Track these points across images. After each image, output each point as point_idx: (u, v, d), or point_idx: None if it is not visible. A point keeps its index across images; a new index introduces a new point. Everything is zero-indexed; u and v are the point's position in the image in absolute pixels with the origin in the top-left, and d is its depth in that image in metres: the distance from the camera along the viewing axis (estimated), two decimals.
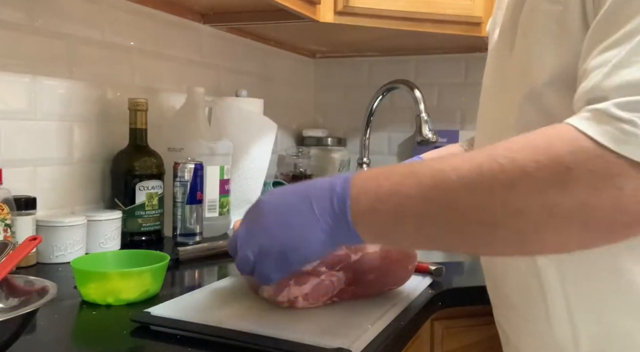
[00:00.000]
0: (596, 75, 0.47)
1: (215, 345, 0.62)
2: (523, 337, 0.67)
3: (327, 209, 0.54)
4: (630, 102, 0.43)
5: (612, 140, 0.43)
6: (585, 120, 0.45)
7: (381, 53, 1.97)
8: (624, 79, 0.44)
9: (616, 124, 0.43)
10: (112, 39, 1.20)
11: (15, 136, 1.01)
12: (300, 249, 0.57)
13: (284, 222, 0.57)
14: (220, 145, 1.26)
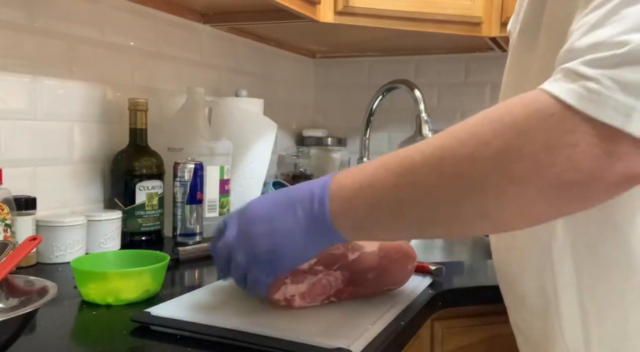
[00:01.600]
0: (574, 36, 0.47)
1: (215, 345, 0.62)
2: (538, 337, 0.66)
3: (307, 211, 0.56)
4: (597, 58, 0.43)
5: (574, 98, 0.43)
6: (554, 81, 0.45)
7: (381, 53, 1.97)
8: (596, 38, 0.44)
9: (581, 82, 0.43)
10: (112, 39, 1.20)
11: (15, 136, 1.01)
12: (286, 254, 0.59)
13: (269, 229, 0.59)
14: (220, 145, 1.26)
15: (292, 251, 0.59)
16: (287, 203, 0.58)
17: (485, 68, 1.84)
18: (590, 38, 0.45)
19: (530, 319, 0.67)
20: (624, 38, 0.42)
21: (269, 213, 0.59)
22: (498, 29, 1.48)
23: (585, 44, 0.45)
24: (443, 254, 1.55)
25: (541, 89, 0.45)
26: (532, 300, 0.65)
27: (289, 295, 0.69)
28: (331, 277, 0.71)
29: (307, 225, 0.56)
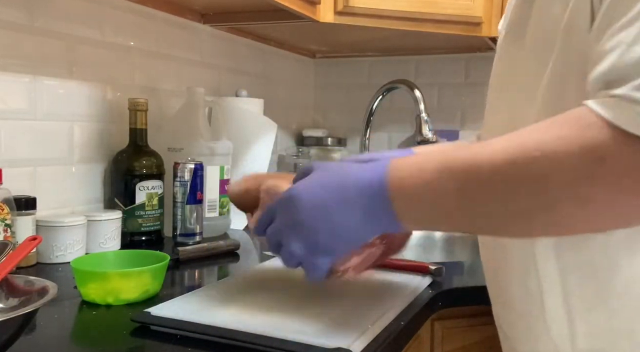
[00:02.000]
0: (611, 57, 0.47)
1: (215, 345, 0.62)
2: (520, 334, 0.66)
3: (366, 206, 0.56)
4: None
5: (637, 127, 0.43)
6: (610, 107, 0.45)
7: (381, 53, 1.97)
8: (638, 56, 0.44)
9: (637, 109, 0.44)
10: (112, 39, 1.20)
11: (15, 136, 1.01)
12: (343, 244, 0.60)
13: (325, 219, 0.58)
14: (220, 145, 1.26)
15: (349, 240, 0.59)
16: (341, 192, 0.58)
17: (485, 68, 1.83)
18: (632, 56, 0.45)
19: (512, 315, 0.67)
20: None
21: (323, 202, 0.58)
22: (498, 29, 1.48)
23: (630, 63, 0.45)
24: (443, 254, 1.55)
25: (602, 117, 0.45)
26: (517, 296, 0.65)
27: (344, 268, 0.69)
28: (377, 249, 0.71)
29: (367, 216, 0.57)
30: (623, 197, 0.45)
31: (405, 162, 0.56)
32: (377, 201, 0.56)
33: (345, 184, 0.58)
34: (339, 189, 0.58)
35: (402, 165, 0.56)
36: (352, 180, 0.58)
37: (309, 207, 0.59)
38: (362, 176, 0.57)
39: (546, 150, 0.47)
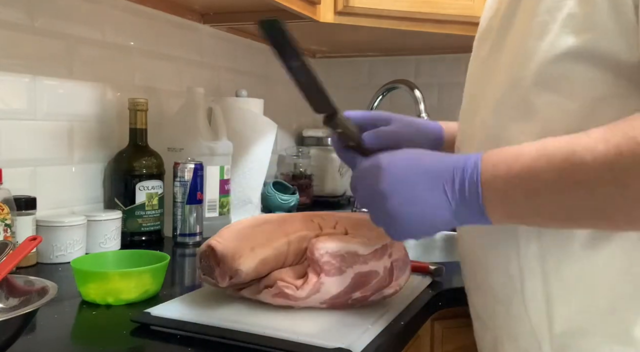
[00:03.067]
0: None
1: (215, 345, 0.62)
2: (501, 322, 0.67)
3: (457, 192, 0.56)
4: None
5: None
6: None
7: (381, 53, 1.97)
8: None
9: None
10: (112, 39, 1.20)
11: (15, 136, 1.01)
12: (428, 226, 0.58)
13: (411, 198, 0.57)
14: (220, 145, 1.26)
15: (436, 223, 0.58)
16: (433, 177, 0.56)
17: None
18: None
19: (492, 303, 0.67)
20: None
21: (411, 184, 0.57)
22: None
23: None
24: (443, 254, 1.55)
25: None
26: (496, 284, 0.65)
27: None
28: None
29: (456, 205, 0.56)
30: None
31: (500, 150, 0.56)
32: (469, 185, 0.55)
33: (439, 167, 0.57)
34: (428, 173, 0.57)
35: (499, 153, 0.55)
36: (447, 164, 0.57)
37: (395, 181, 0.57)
38: (456, 161, 0.57)
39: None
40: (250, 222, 0.75)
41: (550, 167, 0.51)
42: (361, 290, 0.71)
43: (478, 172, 0.55)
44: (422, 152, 0.60)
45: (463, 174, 0.55)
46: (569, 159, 0.50)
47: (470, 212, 0.56)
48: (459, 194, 0.55)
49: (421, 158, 0.59)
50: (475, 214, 0.56)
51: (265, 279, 0.70)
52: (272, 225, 0.73)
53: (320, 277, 0.68)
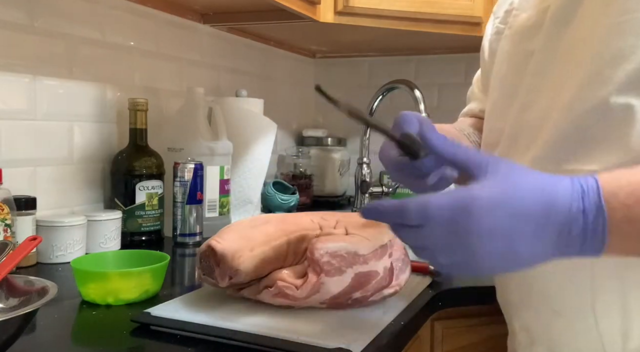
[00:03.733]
0: None
1: (215, 345, 0.62)
2: (557, 334, 0.63)
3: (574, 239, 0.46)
4: None
5: None
6: None
7: (381, 53, 1.97)
8: None
9: None
10: (112, 39, 1.20)
11: (15, 136, 1.01)
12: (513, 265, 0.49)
13: (507, 250, 0.47)
14: (220, 145, 1.26)
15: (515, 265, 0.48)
16: (533, 232, 0.46)
17: None
18: None
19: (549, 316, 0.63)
20: None
21: (507, 237, 0.46)
22: None
23: None
24: None
25: None
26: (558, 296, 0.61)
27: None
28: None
29: (558, 251, 0.47)
30: None
31: (618, 178, 0.46)
32: (590, 236, 0.46)
33: (552, 212, 0.46)
34: (543, 218, 0.46)
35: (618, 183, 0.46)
36: (561, 206, 0.46)
37: (486, 233, 0.46)
38: (559, 197, 0.46)
39: None
40: (250, 222, 0.75)
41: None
42: (361, 290, 0.71)
43: (605, 218, 0.45)
44: (522, 189, 0.47)
45: (583, 220, 0.46)
46: None
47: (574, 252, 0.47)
48: (577, 240, 0.46)
49: (523, 202, 0.46)
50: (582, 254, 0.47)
51: (265, 279, 0.70)
52: (272, 225, 0.73)
53: (320, 277, 0.68)
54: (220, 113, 1.30)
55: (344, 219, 0.76)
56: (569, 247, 0.47)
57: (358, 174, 1.64)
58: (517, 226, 0.46)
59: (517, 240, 0.46)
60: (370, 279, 0.71)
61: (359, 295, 0.71)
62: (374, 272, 0.71)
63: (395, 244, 0.75)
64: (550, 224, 0.46)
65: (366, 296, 0.72)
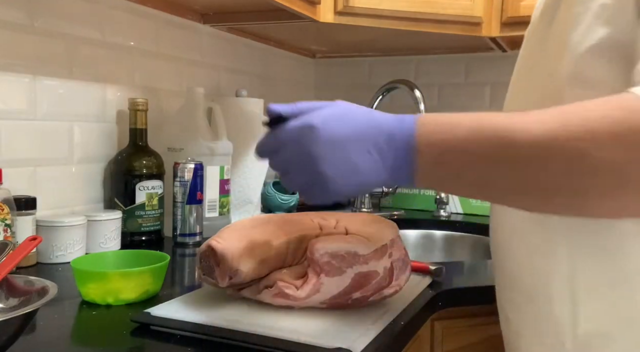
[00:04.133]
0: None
1: (215, 345, 0.62)
2: (524, 318, 0.66)
3: (390, 158, 0.54)
4: None
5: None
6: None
7: (381, 53, 1.97)
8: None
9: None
10: (112, 39, 1.20)
11: (15, 136, 1.01)
12: (354, 188, 0.56)
13: (345, 160, 0.54)
14: (220, 145, 1.26)
15: (360, 185, 0.55)
16: (368, 139, 0.54)
17: (485, 68, 1.84)
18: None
19: (519, 298, 0.67)
20: None
21: (343, 139, 0.54)
22: (498, 29, 1.48)
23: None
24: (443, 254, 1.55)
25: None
26: (525, 281, 0.65)
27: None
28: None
29: (386, 172, 0.54)
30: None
31: (435, 118, 0.54)
32: (402, 150, 0.53)
33: (374, 130, 0.54)
34: (368, 134, 0.54)
35: (432, 120, 0.54)
36: (378, 121, 0.55)
37: (327, 142, 0.54)
38: (389, 120, 0.55)
39: (590, 130, 0.46)
40: (250, 222, 0.75)
41: (483, 143, 0.50)
42: (361, 290, 0.71)
43: (413, 139, 0.53)
44: (355, 111, 0.56)
45: (396, 139, 0.53)
46: (503, 137, 0.49)
47: (401, 178, 0.55)
48: (392, 159, 0.54)
49: (358, 117, 0.56)
50: (406, 179, 0.55)
51: (265, 279, 0.70)
52: (272, 225, 0.73)
53: (320, 277, 0.68)
54: (220, 113, 1.30)
55: (344, 219, 0.76)
56: (393, 168, 0.54)
57: None
58: (352, 137, 0.54)
59: (352, 151, 0.54)
60: (370, 279, 0.71)
61: (359, 295, 0.71)
62: (374, 272, 0.71)
63: (395, 244, 0.75)
64: (376, 142, 0.54)
65: (366, 296, 0.72)
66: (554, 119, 0.48)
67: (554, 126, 0.47)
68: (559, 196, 0.49)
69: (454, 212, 1.66)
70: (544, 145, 0.47)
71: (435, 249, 1.56)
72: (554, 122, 0.48)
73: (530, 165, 0.48)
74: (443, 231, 1.56)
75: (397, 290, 0.75)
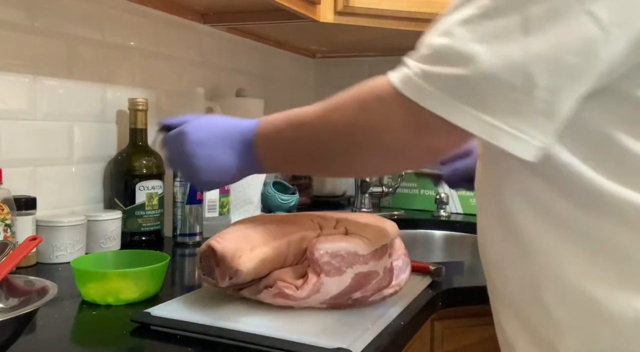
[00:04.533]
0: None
1: (215, 345, 0.62)
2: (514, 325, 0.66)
3: (239, 147, 0.69)
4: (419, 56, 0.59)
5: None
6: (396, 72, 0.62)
7: (381, 53, 1.96)
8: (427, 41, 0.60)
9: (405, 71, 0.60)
10: (112, 39, 1.20)
11: (15, 136, 1.01)
12: (222, 177, 0.71)
13: (209, 157, 0.70)
14: None
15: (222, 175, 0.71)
16: (224, 140, 0.70)
17: None
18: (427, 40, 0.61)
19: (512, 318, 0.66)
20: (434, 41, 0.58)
21: (210, 145, 0.70)
22: None
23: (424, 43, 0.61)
24: (443, 254, 1.55)
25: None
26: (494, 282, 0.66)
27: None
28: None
29: (238, 156, 0.69)
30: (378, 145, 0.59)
31: (272, 116, 0.68)
32: (247, 144, 0.68)
33: (227, 128, 0.70)
34: (226, 134, 0.70)
35: (269, 118, 0.68)
36: (232, 126, 0.70)
37: (193, 143, 0.70)
38: (240, 124, 0.70)
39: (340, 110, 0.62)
40: (250, 222, 0.75)
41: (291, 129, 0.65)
42: (361, 290, 0.71)
43: (255, 129, 0.68)
44: (221, 120, 0.72)
45: (245, 136, 0.68)
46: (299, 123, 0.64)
47: (251, 164, 0.69)
48: (242, 153, 0.69)
49: (219, 124, 0.71)
50: (254, 165, 0.69)
51: (265, 279, 0.70)
52: (272, 225, 0.73)
53: (320, 277, 0.68)
54: (220, 113, 1.30)
55: (344, 219, 0.76)
56: (241, 150, 0.69)
57: None
58: (212, 138, 0.70)
59: (213, 148, 0.70)
60: (370, 279, 0.71)
61: (359, 295, 0.71)
62: (374, 272, 0.71)
63: (395, 244, 0.75)
64: (230, 139, 0.69)
65: (366, 296, 0.72)
66: (330, 102, 0.62)
67: (323, 106, 0.62)
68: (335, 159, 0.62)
69: (454, 212, 1.65)
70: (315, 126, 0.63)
71: (435, 249, 1.56)
72: (328, 104, 0.62)
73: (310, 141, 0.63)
74: (443, 231, 1.56)
75: (397, 290, 0.75)
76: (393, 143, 0.58)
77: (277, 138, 0.67)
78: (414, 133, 0.57)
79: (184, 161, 0.71)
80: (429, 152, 0.60)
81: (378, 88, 0.62)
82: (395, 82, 0.60)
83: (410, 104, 0.56)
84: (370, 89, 0.63)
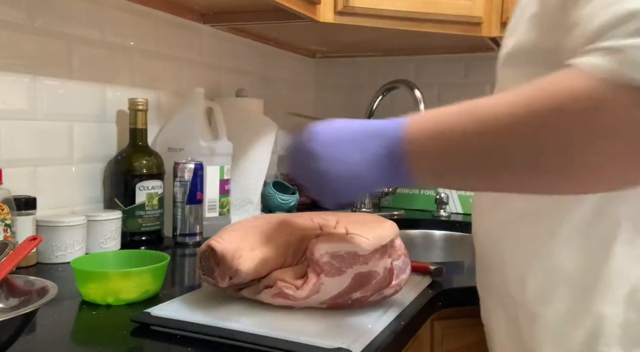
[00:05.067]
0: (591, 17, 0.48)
1: (215, 345, 0.62)
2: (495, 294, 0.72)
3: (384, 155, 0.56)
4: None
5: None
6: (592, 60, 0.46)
7: (381, 53, 1.97)
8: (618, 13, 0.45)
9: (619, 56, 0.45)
10: (112, 39, 1.20)
11: (15, 136, 1.01)
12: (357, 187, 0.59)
13: (341, 159, 0.58)
14: (220, 145, 1.26)
15: (357, 188, 0.59)
16: (359, 140, 0.58)
17: (485, 68, 1.84)
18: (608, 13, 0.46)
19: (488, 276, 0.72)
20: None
21: (341, 146, 0.58)
22: (498, 29, 1.48)
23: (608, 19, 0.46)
24: (443, 254, 1.55)
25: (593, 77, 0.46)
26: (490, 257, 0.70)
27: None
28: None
29: (378, 164, 0.56)
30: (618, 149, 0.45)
31: (423, 114, 0.58)
32: (394, 139, 0.56)
33: (359, 131, 0.58)
34: (352, 137, 0.58)
35: (419, 115, 0.58)
36: (370, 125, 0.58)
37: (321, 158, 0.58)
38: (381, 123, 0.58)
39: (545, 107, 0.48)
40: (250, 222, 0.75)
41: (470, 126, 0.54)
42: (361, 290, 0.71)
43: (400, 129, 0.56)
44: (353, 120, 0.61)
45: (387, 133, 0.56)
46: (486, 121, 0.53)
47: (393, 170, 0.56)
48: (382, 150, 0.56)
49: (351, 124, 0.60)
50: (397, 171, 0.56)
51: (265, 279, 0.70)
52: (272, 225, 0.73)
53: (320, 277, 0.68)
54: (220, 113, 1.30)
55: (344, 219, 0.76)
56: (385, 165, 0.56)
57: None
58: (346, 140, 0.58)
59: (346, 150, 0.57)
60: (370, 279, 0.71)
61: (359, 295, 0.71)
62: (374, 272, 0.71)
63: (395, 244, 0.75)
64: (368, 138, 0.57)
65: (366, 296, 0.72)
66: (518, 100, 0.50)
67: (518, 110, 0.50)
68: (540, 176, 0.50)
69: (454, 212, 1.65)
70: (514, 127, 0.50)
71: (435, 249, 1.56)
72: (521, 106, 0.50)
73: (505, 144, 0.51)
74: (443, 231, 1.56)
75: (397, 290, 0.75)
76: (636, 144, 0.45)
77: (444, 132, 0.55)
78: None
79: (310, 166, 0.59)
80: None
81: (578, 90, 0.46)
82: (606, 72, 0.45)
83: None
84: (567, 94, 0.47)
